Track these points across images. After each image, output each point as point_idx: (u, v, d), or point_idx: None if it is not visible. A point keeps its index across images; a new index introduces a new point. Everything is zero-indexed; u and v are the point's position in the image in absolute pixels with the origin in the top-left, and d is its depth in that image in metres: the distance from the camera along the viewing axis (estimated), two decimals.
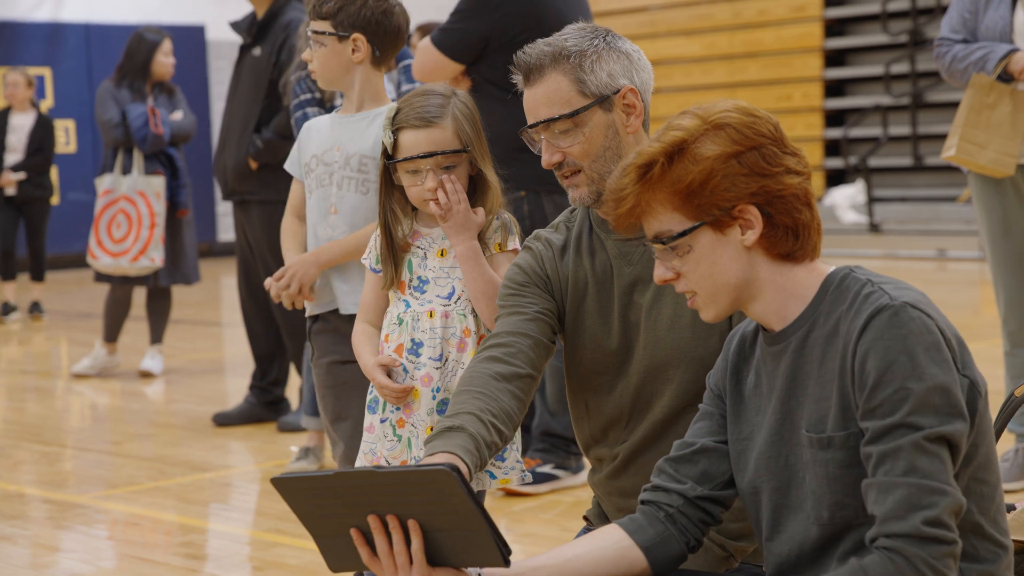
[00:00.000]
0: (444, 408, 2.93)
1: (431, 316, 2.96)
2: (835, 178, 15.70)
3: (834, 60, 15.76)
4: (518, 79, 2.63)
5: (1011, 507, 2.41)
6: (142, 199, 7.60)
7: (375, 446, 3.00)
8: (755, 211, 2.07)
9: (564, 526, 4.55)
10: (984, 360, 2.88)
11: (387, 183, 3.00)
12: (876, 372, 1.97)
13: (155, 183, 7.61)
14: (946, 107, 14.03)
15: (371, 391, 3.02)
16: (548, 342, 2.58)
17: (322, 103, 5.01)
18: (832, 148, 15.61)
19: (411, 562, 2.07)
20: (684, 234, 2.08)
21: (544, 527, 4.57)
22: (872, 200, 14.46)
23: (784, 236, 2.09)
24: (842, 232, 14.33)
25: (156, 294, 7.88)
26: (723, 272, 2.10)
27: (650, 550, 2.21)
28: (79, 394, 7.68)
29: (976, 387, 2.02)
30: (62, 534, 4.74)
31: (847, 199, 14.73)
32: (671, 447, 2.30)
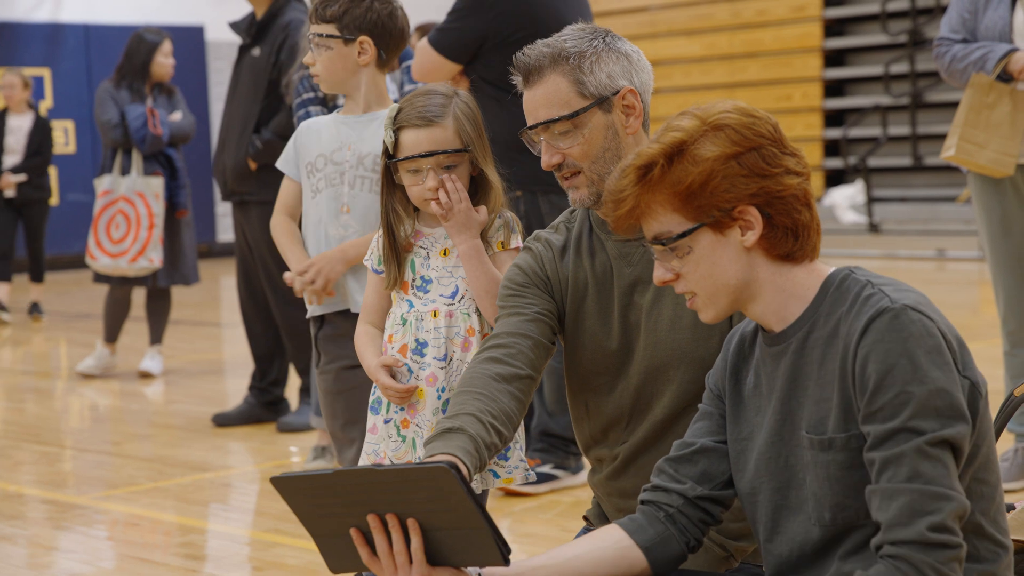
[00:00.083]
0: None
1: (435, 316, 2.96)
2: (834, 178, 15.69)
3: (834, 60, 15.75)
4: (517, 80, 2.63)
5: (1011, 507, 2.41)
6: (141, 200, 7.59)
7: (378, 447, 2.99)
8: (755, 212, 2.07)
9: (563, 526, 4.55)
10: (983, 360, 2.88)
11: (388, 183, 3.00)
12: (877, 376, 1.97)
13: (154, 184, 7.61)
14: (946, 107, 14.03)
15: (373, 392, 3.02)
16: (548, 343, 2.58)
17: (325, 102, 5.01)
18: (831, 148, 15.61)
19: (411, 561, 2.07)
20: (684, 235, 2.08)
21: (543, 527, 4.57)
22: (871, 200, 14.46)
23: (784, 237, 2.08)
24: (841, 232, 14.33)
25: (155, 295, 7.88)
26: (723, 273, 2.10)
27: (650, 550, 2.21)
28: (79, 395, 7.68)
29: (977, 388, 2.01)
30: (62, 534, 4.74)
31: (846, 199, 14.72)
32: (671, 447, 2.30)
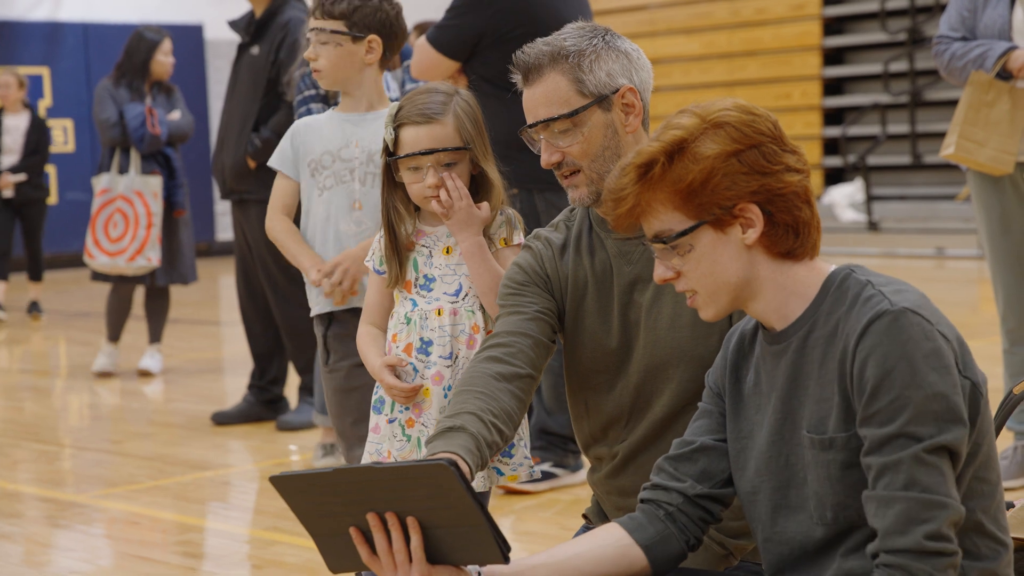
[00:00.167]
0: None
1: (439, 314, 2.96)
2: (834, 176, 15.69)
3: (833, 58, 15.75)
4: (517, 79, 2.63)
5: (1010, 504, 2.41)
6: (139, 199, 7.59)
7: (381, 446, 2.98)
8: (756, 209, 2.07)
9: (563, 524, 4.54)
10: (983, 358, 2.88)
11: (389, 181, 2.99)
12: (875, 379, 1.96)
13: (152, 183, 7.60)
14: (945, 105, 14.02)
15: (376, 391, 3.01)
16: (548, 342, 2.58)
17: (326, 100, 5.00)
18: (831, 146, 15.60)
19: (411, 560, 2.07)
20: (685, 233, 2.08)
21: (543, 525, 4.57)
22: (871, 198, 14.46)
23: (785, 234, 2.08)
24: (841, 230, 14.32)
25: (154, 293, 7.88)
26: (724, 271, 2.09)
27: (650, 548, 2.20)
28: (78, 393, 7.68)
29: (977, 388, 2.01)
30: (61, 533, 4.74)
31: (846, 197, 14.72)
32: (671, 446, 2.30)
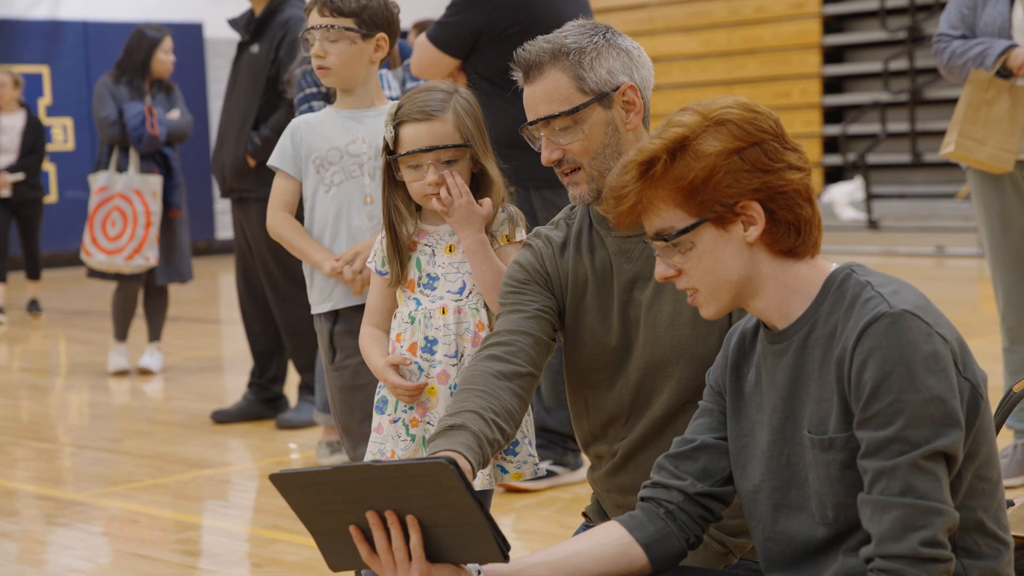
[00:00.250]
0: None
1: (443, 312, 2.95)
2: (833, 175, 15.69)
3: (832, 56, 15.75)
4: (518, 76, 2.63)
5: (1010, 503, 2.41)
6: (138, 198, 7.58)
7: (384, 446, 2.98)
8: (757, 207, 2.06)
9: (562, 523, 4.54)
10: (983, 356, 2.88)
11: (390, 181, 2.99)
12: (872, 382, 1.96)
13: (152, 182, 7.59)
14: (945, 103, 14.02)
15: (379, 391, 3.01)
16: (548, 340, 2.58)
17: (328, 97, 4.99)
18: (831, 145, 15.60)
19: (410, 558, 2.07)
20: (686, 231, 2.07)
21: (542, 524, 4.57)
22: (870, 197, 14.46)
23: (786, 232, 2.08)
24: (840, 229, 14.32)
25: (153, 292, 7.87)
26: (725, 269, 2.09)
27: (650, 547, 2.20)
28: (78, 391, 7.68)
29: (977, 389, 2.01)
30: (60, 531, 4.74)
31: (845, 196, 14.71)
32: (671, 444, 2.30)
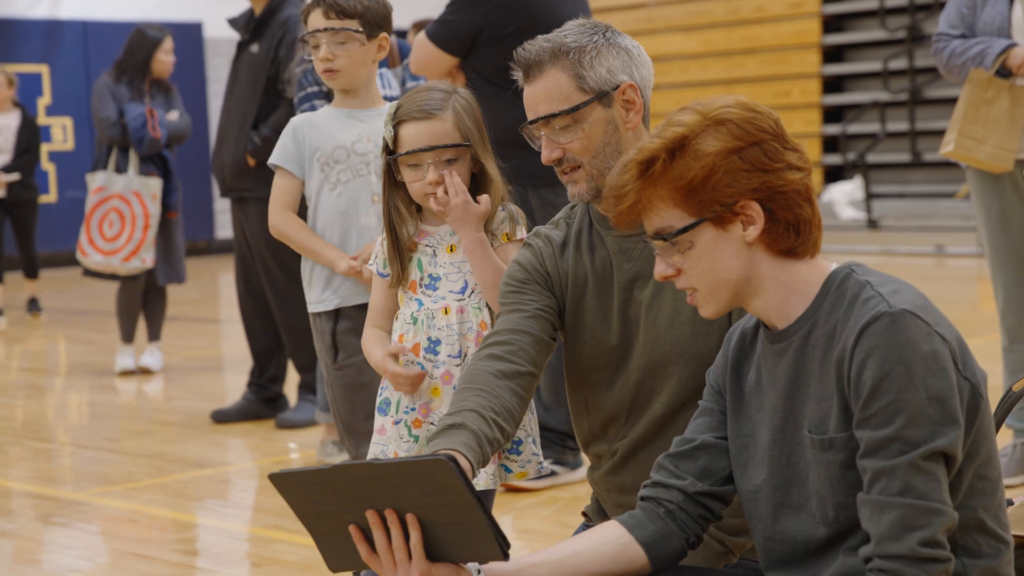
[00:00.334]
0: None
1: (446, 313, 2.95)
2: (833, 174, 15.69)
3: (832, 56, 15.75)
4: (518, 75, 2.63)
5: (1010, 502, 2.41)
6: (137, 200, 7.57)
7: (387, 448, 2.97)
8: (757, 207, 2.06)
9: (562, 522, 4.54)
10: (982, 356, 2.88)
11: (390, 181, 2.99)
12: (872, 382, 1.96)
13: (152, 185, 7.58)
14: (944, 103, 14.02)
15: (380, 393, 3.00)
16: (548, 339, 2.58)
17: (329, 96, 4.99)
18: (830, 144, 15.61)
19: (410, 557, 2.07)
20: (686, 230, 2.07)
21: (542, 523, 4.56)
22: (870, 196, 14.46)
23: (785, 232, 2.08)
24: (840, 228, 14.32)
25: (153, 292, 7.87)
26: (724, 268, 2.09)
27: (650, 546, 2.20)
28: (77, 391, 7.68)
29: (977, 388, 2.01)
30: (60, 530, 4.74)
31: (845, 195, 14.72)
32: (670, 443, 2.30)
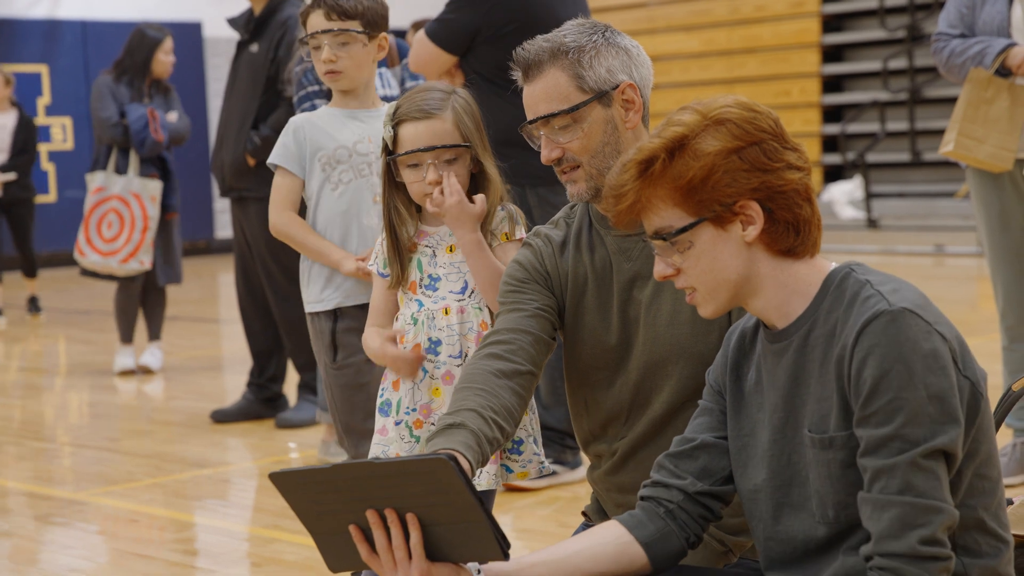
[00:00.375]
0: None
1: (446, 313, 2.95)
2: (833, 174, 15.69)
3: (832, 56, 15.75)
4: (517, 75, 2.63)
5: (1010, 501, 2.41)
6: (137, 201, 7.57)
7: (388, 448, 2.97)
8: (756, 207, 2.06)
9: (562, 522, 4.54)
10: (982, 355, 2.88)
11: (389, 182, 2.99)
12: (872, 380, 1.96)
13: (151, 186, 7.58)
14: (944, 102, 14.02)
15: (381, 394, 3.00)
16: (548, 338, 2.58)
17: (330, 96, 4.99)
18: (830, 144, 15.61)
19: (410, 557, 2.07)
20: (685, 230, 2.07)
21: (542, 523, 4.56)
22: (870, 196, 14.46)
23: (785, 232, 2.08)
24: (840, 228, 14.33)
25: (152, 292, 7.88)
26: (723, 268, 2.09)
27: (650, 546, 2.20)
28: (77, 391, 7.68)
29: (977, 388, 2.01)
30: (60, 530, 4.74)
31: (845, 195, 14.72)
32: (670, 443, 2.30)
